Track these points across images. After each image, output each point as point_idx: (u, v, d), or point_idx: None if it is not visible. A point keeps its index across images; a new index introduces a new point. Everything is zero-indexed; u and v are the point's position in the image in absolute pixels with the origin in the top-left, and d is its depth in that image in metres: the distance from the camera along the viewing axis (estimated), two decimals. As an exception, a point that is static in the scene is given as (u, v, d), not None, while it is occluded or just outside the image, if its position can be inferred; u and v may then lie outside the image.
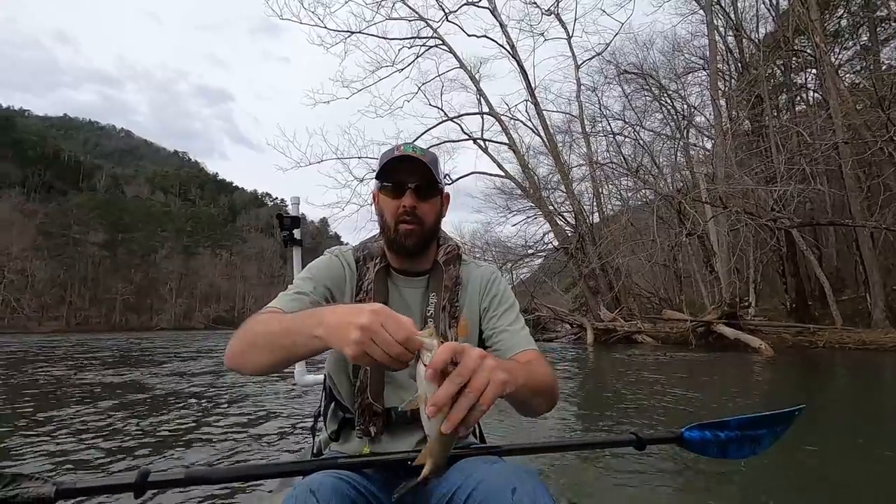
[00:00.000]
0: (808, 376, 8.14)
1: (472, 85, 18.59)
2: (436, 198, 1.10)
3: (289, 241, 2.22)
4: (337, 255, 1.15)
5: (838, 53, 23.06)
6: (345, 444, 1.10)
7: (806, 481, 2.71)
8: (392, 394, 1.06)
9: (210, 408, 5.26)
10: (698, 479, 2.67)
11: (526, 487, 0.83)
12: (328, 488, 0.84)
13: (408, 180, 1.05)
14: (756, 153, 15.78)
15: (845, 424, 4.38)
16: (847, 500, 2.43)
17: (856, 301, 16.67)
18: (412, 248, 1.08)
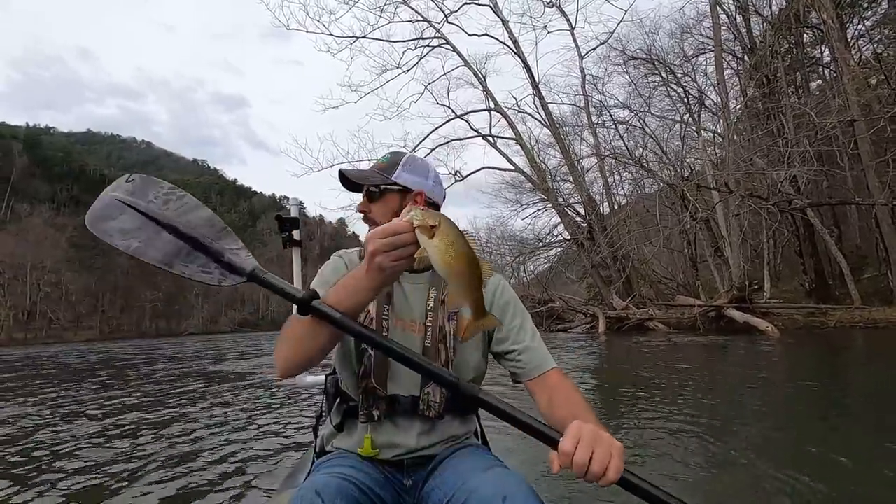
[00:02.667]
0: (801, 356, 8.24)
1: (478, 82, 18.72)
2: (385, 198, 1.16)
3: (288, 242, 2.26)
4: (341, 257, 1.23)
5: (857, 24, 22.44)
6: (349, 434, 1.14)
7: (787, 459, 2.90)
8: (396, 382, 1.09)
9: (210, 407, 5.48)
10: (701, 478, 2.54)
11: (517, 496, 0.84)
12: (333, 489, 0.86)
13: (363, 187, 1.19)
14: (767, 134, 15.56)
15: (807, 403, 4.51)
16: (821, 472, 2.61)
17: (877, 279, 16.36)
18: None
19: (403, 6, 17.61)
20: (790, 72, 19.54)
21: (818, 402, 4.55)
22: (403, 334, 1.10)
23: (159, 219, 1.03)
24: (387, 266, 0.84)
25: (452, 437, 1.14)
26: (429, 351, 1.10)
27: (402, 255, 0.83)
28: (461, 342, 1.09)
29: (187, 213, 1.06)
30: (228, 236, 1.04)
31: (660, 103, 21.89)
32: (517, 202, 21.76)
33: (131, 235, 1.02)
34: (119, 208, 1.05)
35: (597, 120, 20.26)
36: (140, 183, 1.11)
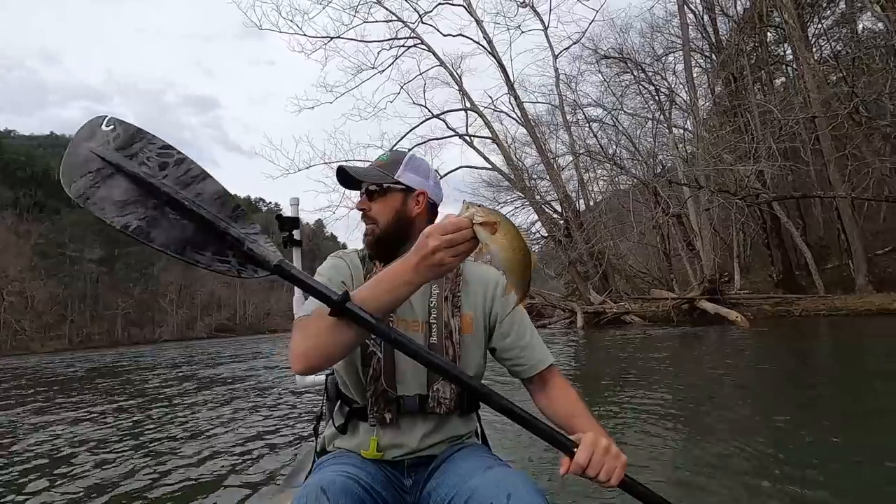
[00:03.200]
0: (769, 344, 8.59)
1: (454, 82, 18.79)
2: (388, 196, 1.14)
3: (288, 242, 2.24)
4: (341, 257, 1.20)
5: (817, 23, 23.32)
6: (353, 436, 1.13)
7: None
8: (403, 383, 1.09)
9: (209, 408, 5.49)
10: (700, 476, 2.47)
11: (521, 494, 0.84)
12: (338, 487, 0.86)
13: (363, 185, 1.16)
14: (734, 130, 16.06)
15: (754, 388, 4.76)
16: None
17: (840, 269, 17.04)
18: (369, 245, 1.15)
19: (377, 6, 17.57)
20: (755, 70, 20.18)
21: (784, 387, 4.82)
22: (407, 334, 1.05)
23: (160, 188, 0.86)
24: (447, 262, 0.84)
25: (455, 437, 1.14)
26: (435, 348, 1.10)
27: (462, 251, 0.84)
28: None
29: (192, 185, 0.90)
30: (244, 219, 0.92)
31: (632, 101, 22.36)
32: (495, 200, 21.92)
33: (129, 211, 0.84)
34: (101, 168, 0.86)
35: (571, 118, 20.58)
36: (123, 134, 0.90)
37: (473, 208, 0.84)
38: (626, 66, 21.92)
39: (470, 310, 1.15)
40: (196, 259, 0.86)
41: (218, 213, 0.90)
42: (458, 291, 1.15)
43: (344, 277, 1.13)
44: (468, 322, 1.14)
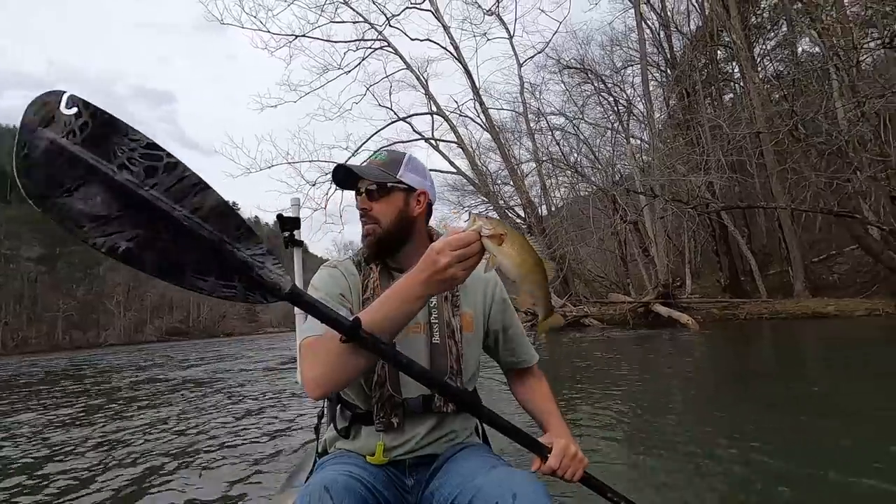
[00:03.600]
0: (716, 345, 9.18)
1: (420, 85, 18.87)
2: (391, 196, 1.13)
3: (289, 242, 2.26)
4: (335, 266, 1.19)
5: (762, 44, 24.89)
6: (356, 440, 1.12)
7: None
8: (406, 386, 1.09)
9: (208, 406, 5.47)
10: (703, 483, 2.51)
11: (527, 493, 0.84)
12: (341, 486, 0.87)
13: (362, 185, 1.14)
14: (687, 142, 16.90)
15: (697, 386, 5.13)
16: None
17: (781, 275, 18.18)
18: (370, 246, 1.14)
19: (344, 6, 17.43)
20: (706, 85, 21.31)
21: (728, 382, 5.34)
22: (407, 338, 1.07)
23: (152, 202, 0.72)
24: (459, 276, 0.85)
25: (455, 434, 1.15)
26: (438, 348, 1.11)
27: (472, 265, 0.85)
28: (537, 342, 1.16)
29: (189, 198, 0.75)
30: (251, 238, 0.81)
31: (592, 111, 23.12)
32: (459, 204, 22.15)
33: (114, 229, 0.69)
34: (70, 170, 0.67)
35: (535, 126, 21.07)
36: (92, 122, 0.70)
37: (480, 221, 0.85)
38: (587, 77, 22.67)
39: (469, 308, 1.17)
40: (198, 286, 0.75)
41: (221, 233, 0.77)
42: (456, 291, 1.16)
43: (341, 289, 1.13)
44: (468, 321, 1.16)
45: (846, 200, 13.83)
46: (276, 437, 3.97)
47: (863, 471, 2.29)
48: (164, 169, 0.74)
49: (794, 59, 21.74)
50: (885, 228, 12.51)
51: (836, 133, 12.40)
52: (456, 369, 1.11)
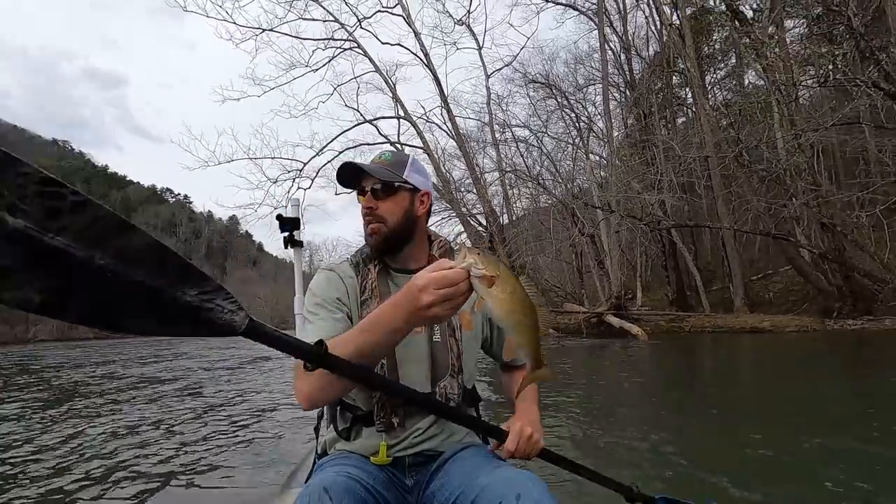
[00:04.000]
0: (662, 355, 9.69)
1: (388, 89, 18.88)
2: (397, 195, 1.13)
3: (289, 243, 2.24)
4: (332, 269, 1.19)
5: (713, 73, 26.49)
6: (356, 441, 1.11)
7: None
8: (406, 385, 1.07)
9: (207, 407, 5.39)
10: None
11: (531, 494, 0.83)
12: (341, 487, 0.86)
13: (367, 183, 1.14)
14: (643, 162, 17.75)
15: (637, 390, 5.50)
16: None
17: (723, 291, 19.30)
18: (376, 244, 1.14)
19: (315, 4, 17.24)
20: (662, 108, 22.47)
21: (672, 387, 5.91)
22: (408, 336, 1.04)
23: (60, 249, 0.60)
24: (442, 315, 0.81)
25: (457, 433, 1.16)
26: (439, 346, 1.13)
27: (458, 304, 0.80)
28: (516, 397, 1.14)
29: (109, 240, 0.63)
30: (195, 278, 0.71)
31: (555, 126, 23.83)
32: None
33: (19, 282, 0.59)
34: None
35: (500, 136, 21.50)
36: None
37: (472, 258, 0.78)
38: (551, 92, 23.37)
39: (468, 307, 1.17)
40: (139, 330, 0.68)
41: (157, 277, 0.67)
42: None
43: (339, 293, 1.13)
44: (467, 319, 1.13)
45: (782, 224, 14.92)
46: (276, 437, 3.97)
47: (778, 456, 2.91)
48: (71, 209, 0.60)
49: (741, 89, 23.30)
50: (815, 252, 13.58)
51: (776, 161, 13.38)
52: (457, 367, 1.12)
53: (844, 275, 12.72)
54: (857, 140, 16.35)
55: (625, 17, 22.66)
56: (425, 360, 1.12)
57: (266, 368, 9.84)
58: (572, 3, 21.87)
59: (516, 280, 0.81)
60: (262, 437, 3.98)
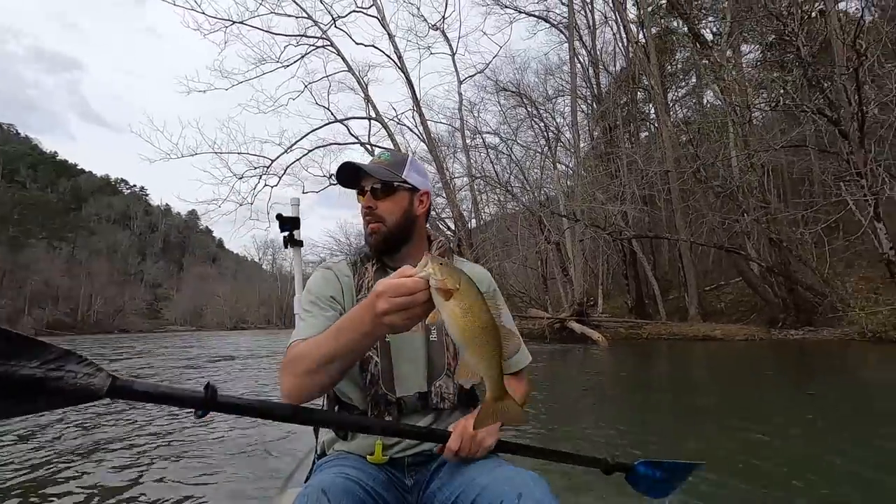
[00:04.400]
0: (621, 361, 10.08)
1: (360, 89, 18.80)
2: (396, 195, 1.13)
3: (288, 242, 2.20)
4: (329, 268, 1.19)
5: (675, 91, 27.67)
6: (353, 440, 1.11)
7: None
8: (402, 384, 1.08)
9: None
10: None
11: (534, 494, 0.82)
12: (339, 489, 0.85)
13: (367, 183, 1.14)
14: (607, 174, 18.36)
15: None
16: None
17: (678, 300, 20.15)
18: (375, 244, 1.14)
19: (288, 0, 17.01)
20: (627, 123, 23.30)
21: (631, 390, 6.28)
22: (405, 336, 1.03)
23: None
24: (399, 325, 0.78)
25: None
26: (435, 346, 1.12)
27: (416, 314, 0.77)
28: (473, 430, 1.00)
29: None
30: (33, 348, 0.67)
31: (525, 134, 24.30)
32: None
33: None
34: None
35: (470, 142, 21.74)
36: None
37: (432, 267, 0.74)
38: (521, 101, 23.83)
39: None
40: None
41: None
42: None
43: (333, 291, 1.14)
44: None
45: (734, 238, 15.74)
46: (275, 436, 3.96)
47: (717, 445, 3.43)
48: None
49: (700, 108, 24.43)
50: (763, 265, 14.39)
51: (730, 179, 14.12)
52: (453, 367, 1.11)
53: (789, 288, 13.53)
54: (804, 162, 17.47)
55: (594, 33, 23.43)
56: (422, 360, 1.12)
57: (265, 367, 9.59)
58: (544, 16, 22.42)
59: (477, 295, 0.75)
60: (261, 437, 3.99)
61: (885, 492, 2.45)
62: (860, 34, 11.23)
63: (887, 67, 11.98)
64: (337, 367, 0.90)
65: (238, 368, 9.79)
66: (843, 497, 2.45)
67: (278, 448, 3.64)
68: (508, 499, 0.82)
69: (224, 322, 75.16)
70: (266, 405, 0.87)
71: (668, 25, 23.81)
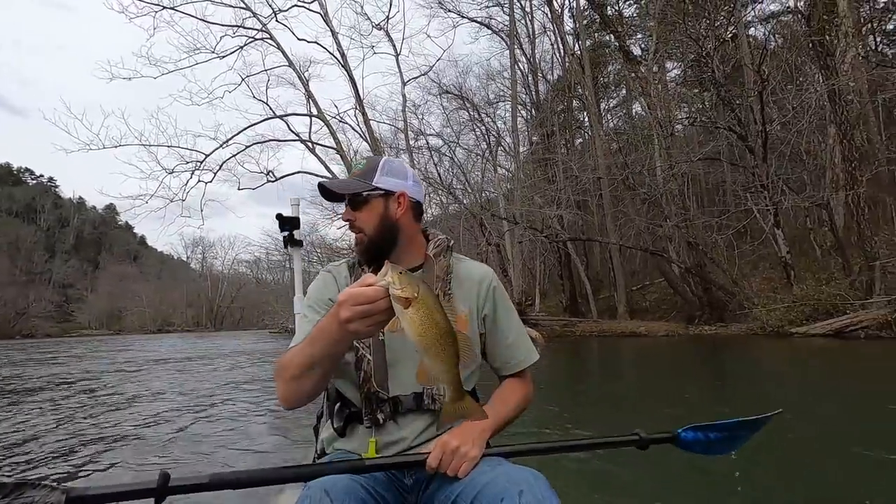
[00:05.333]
0: (557, 356, 10.68)
1: (301, 84, 18.35)
2: (370, 203, 1.14)
3: (288, 242, 2.18)
4: (329, 271, 1.21)
5: (608, 101, 29.31)
6: (351, 438, 1.12)
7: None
8: (397, 382, 1.08)
9: (206, 408, 5.30)
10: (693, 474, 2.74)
11: (534, 490, 0.83)
12: (341, 489, 0.86)
13: (345, 196, 1.16)
14: (544, 179, 19.17)
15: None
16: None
17: (609, 299, 21.40)
18: (361, 253, 1.15)
19: (225, -13, 16.26)
20: (563, 129, 24.40)
21: (565, 383, 6.77)
22: (399, 339, 1.01)
23: None
24: (363, 332, 0.82)
25: None
26: None
27: (378, 321, 0.81)
28: (437, 429, 1.07)
29: None
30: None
31: (467, 137, 24.74)
32: (333, 211, 21.85)
33: None
34: None
35: (413, 144, 21.83)
36: None
37: (392, 275, 0.78)
38: (463, 105, 24.27)
39: (466, 307, 1.16)
40: None
41: None
42: (448, 290, 1.15)
43: (332, 294, 1.15)
44: (463, 320, 1.14)
45: (658, 241, 16.99)
46: (274, 437, 3.93)
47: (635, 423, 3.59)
48: None
49: (630, 119, 26.13)
50: (682, 267, 15.67)
51: (655, 186, 15.25)
52: None
53: (704, 287, 14.84)
54: (718, 173, 19.17)
55: (533, 42, 24.32)
56: (416, 363, 1.11)
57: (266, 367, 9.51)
58: (487, 23, 22.95)
59: (435, 303, 0.79)
60: (260, 437, 3.98)
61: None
62: (763, 61, 12.56)
63: (788, 90, 13.49)
64: (319, 372, 0.95)
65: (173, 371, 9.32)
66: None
67: (277, 447, 3.66)
68: (509, 496, 0.83)
69: (146, 325, 70.06)
70: (222, 477, 0.87)
71: (601, 39, 25.22)
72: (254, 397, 6.13)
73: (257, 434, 4.21)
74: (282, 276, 43.49)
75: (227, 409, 5.34)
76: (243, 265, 64.70)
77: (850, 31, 13.53)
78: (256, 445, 3.78)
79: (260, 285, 54.20)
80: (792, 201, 13.37)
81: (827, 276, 12.64)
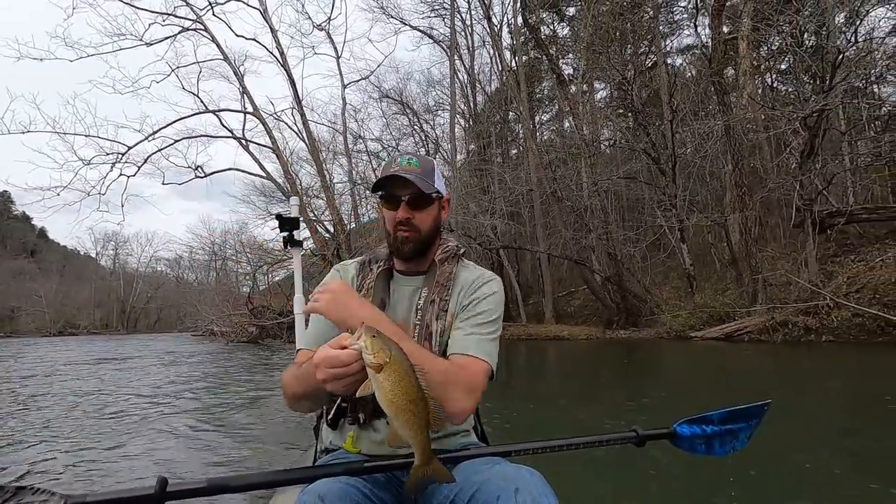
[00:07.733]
0: None
1: (236, 79, 17.77)
2: (431, 206, 1.14)
3: (288, 243, 2.17)
4: (338, 270, 1.23)
5: (541, 114, 30.79)
6: (340, 432, 1.15)
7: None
8: None
9: (206, 409, 5.24)
10: (690, 470, 2.77)
11: (529, 488, 0.84)
12: (336, 494, 0.87)
13: (402, 193, 1.11)
14: (480, 188, 19.91)
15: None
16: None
17: (537, 304, 22.51)
18: (408, 253, 1.14)
19: (155, -28, 15.46)
20: (499, 140, 25.40)
21: (495, 386, 7.18)
22: None
23: None
24: (339, 391, 0.85)
25: (450, 433, 1.15)
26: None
27: (352, 381, 0.84)
28: (406, 491, 0.98)
29: None
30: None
31: (406, 142, 25.10)
32: (267, 211, 21.26)
33: None
34: None
35: (352, 147, 21.80)
36: None
37: (366, 339, 0.80)
38: (403, 110, 24.61)
39: (453, 308, 1.14)
40: None
41: None
42: (446, 295, 1.14)
43: None
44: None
45: (583, 251, 18.23)
46: (273, 436, 3.92)
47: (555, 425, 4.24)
48: None
49: (561, 133, 27.65)
50: (603, 275, 16.95)
51: (580, 200, 16.42)
52: None
53: (621, 295, 16.15)
54: (636, 190, 20.85)
55: (472, 54, 25.11)
56: None
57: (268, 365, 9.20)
58: (429, 32, 23.43)
59: (407, 369, 0.81)
60: (259, 436, 3.98)
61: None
62: (674, 92, 14.00)
63: (698, 118, 15.07)
64: (313, 399, 1.03)
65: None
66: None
67: (277, 447, 3.69)
68: (505, 494, 0.83)
69: (46, 326, 63.32)
70: (220, 481, 0.89)
71: (538, 56, 26.55)
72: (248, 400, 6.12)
73: (258, 435, 4.26)
74: (206, 276, 41.27)
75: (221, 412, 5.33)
76: (162, 263, 60.46)
77: (748, 70, 15.41)
78: (257, 445, 3.82)
79: (181, 285, 50.94)
80: (696, 219, 14.97)
81: (723, 286, 14.31)
